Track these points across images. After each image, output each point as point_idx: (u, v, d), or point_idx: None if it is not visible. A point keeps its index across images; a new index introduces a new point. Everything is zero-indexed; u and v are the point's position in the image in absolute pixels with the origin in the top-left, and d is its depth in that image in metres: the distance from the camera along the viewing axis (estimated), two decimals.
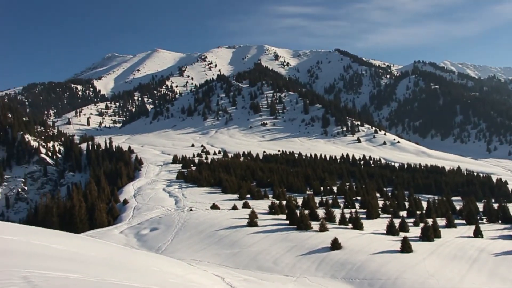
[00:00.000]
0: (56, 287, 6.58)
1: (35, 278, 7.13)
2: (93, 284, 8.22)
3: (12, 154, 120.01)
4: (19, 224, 35.27)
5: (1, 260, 11.06)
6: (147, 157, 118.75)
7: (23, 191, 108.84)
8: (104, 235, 44.86)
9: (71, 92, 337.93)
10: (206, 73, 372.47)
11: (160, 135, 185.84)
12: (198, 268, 24.08)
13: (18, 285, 6.40)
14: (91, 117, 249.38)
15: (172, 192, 73.40)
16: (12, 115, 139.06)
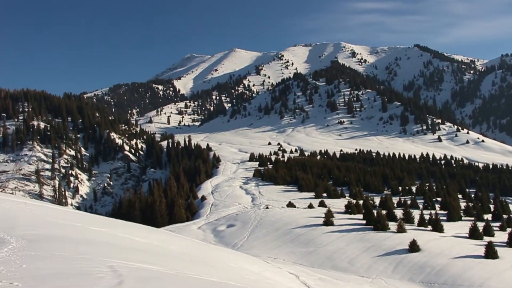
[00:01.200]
0: (139, 278, 6.94)
1: (120, 268, 7.55)
2: (173, 277, 8.57)
3: (99, 151, 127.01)
4: (105, 216, 37.22)
5: (91, 249, 11.80)
6: (225, 155, 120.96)
7: (109, 186, 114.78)
8: (182, 230, 46.30)
9: (152, 92, 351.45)
10: (282, 71, 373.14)
11: (237, 133, 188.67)
12: (273, 266, 24.29)
13: (105, 273, 6.82)
14: (171, 116, 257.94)
15: (248, 189, 74.30)
16: (99, 114, 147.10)
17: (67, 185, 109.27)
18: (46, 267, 7.78)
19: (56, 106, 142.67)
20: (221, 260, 19.70)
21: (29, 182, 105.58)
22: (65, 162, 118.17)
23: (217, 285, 8.79)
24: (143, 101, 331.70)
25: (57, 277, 6.53)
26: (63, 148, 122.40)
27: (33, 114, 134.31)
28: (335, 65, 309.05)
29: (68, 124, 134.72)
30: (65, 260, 8.83)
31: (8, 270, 6.82)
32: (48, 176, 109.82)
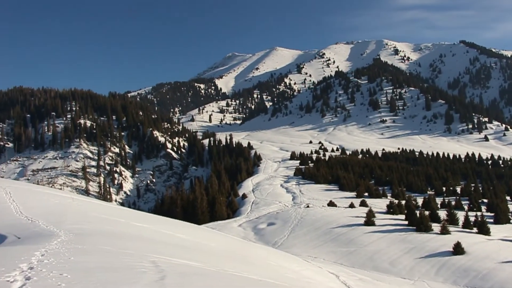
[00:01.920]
0: (180, 274, 7.13)
1: (161, 263, 7.77)
2: (213, 274, 8.73)
3: (143, 148, 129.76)
4: (148, 213, 38.05)
5: (134, 244, 12.16)
6: (266, 153, 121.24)
7: (152, 183, 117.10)
8: (223, 227, 46.73)
9: (194, 91, 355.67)
10: (324, 70, 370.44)
11: (278, 132, 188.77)
12: (313, 265, 24.24)
13: (148, 268, 7.03)
14: (212, 114, 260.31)
15: (289, 188, 74.23)
16: (143, 113, 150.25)
17: (111, 181, 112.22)
18: (93, 260, 8.09)
19: (101, 105, 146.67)
20: (261, 258, 19.84)
21: (76, 178, 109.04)
22: (110, 159, 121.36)
23: (256, 283, 8.89)
24: (185, 99, 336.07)
25: (102, 270, 6.80)
26: (108, 146, 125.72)
27: (80, 112, 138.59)
28: (377, 63, 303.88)
29: (113, 123, 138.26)
30: (110, 254, 9.14)
31: (58, 261, 7.15)
32: (94, 173, 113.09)
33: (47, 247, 9.20)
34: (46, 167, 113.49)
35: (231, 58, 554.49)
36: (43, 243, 10.31)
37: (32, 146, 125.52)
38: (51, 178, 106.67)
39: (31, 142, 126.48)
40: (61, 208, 21.97)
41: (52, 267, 6.61)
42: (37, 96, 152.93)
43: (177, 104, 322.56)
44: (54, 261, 7.19)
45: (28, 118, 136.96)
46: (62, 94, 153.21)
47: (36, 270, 6.29)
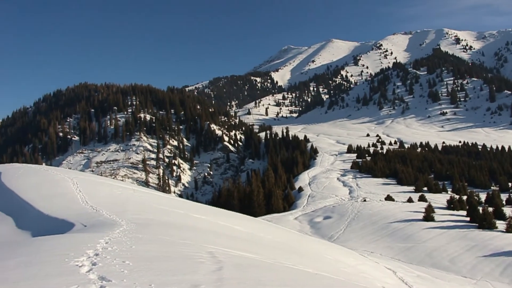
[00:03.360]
0: (237, 265, 7.28)
1: (219, 255, 7.96)
2: (269, 266, 8.85)
3: (200, 141, 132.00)
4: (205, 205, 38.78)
5: (193, 235, 12.50)
6: (322, 146, 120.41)
7: (209, 175, 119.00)
8: (279, 220, 46.93)
9: (250, 84, 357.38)
10: (381, 61, 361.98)
11: (335, 125, 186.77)
12: (369, 260, 23.96)
13: (206, 258, 7.23)
14: (269, 108, 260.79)
15: (346, 181, 73.49)
16: (200, 106, 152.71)
17: (170, 173, 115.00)
18: (153, 249, 8.41)
19: (160, 99, 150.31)
20: (317, 251, 19.83)
21: (137, 170, 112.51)
22: (169, 152, 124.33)
23: (312, 276, 8.93)
24: (241, 93, 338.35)
25: (162, 259, 7.05)
26: (167, 139, 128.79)
27: (140, 107, 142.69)
28: (437, 53, 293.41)
29: (171, 116, 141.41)
30: (169, 244, 9.45)
31: (120, 249, 7.50)
32: (153, 165, 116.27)
33: (111, 236, 9.64)
34: (109, 159, 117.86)
35: (286, 51, 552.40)
36: (107, 232, 10.80)
37: (96, 139, 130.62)
38: (113, 170, 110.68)
39: (95, 136, 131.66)
40: (123, 198, 22.82)
41: (115, 254, 6.94)
42: (100, 91, 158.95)
43: (233, 97, 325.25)
44: (117, 249, 7.54)
45: (92, 113, 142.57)
46: (123, 89, 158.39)
47: (101, 256, 6.63)
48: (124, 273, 5.50)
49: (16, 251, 7.95)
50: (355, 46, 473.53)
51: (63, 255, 6.66)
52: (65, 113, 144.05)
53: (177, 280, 5.22)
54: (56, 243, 8.74)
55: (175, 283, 4.99)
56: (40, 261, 6.45)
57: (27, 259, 6.63)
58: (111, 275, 5.29)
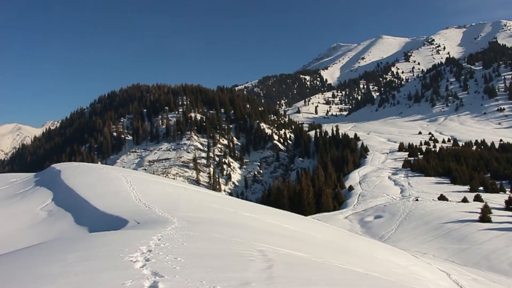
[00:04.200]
0: (287, 263, 7.32)
1: (269, 253, 8.02)
2: (319, 265, 8.84)
3: (250, 140, 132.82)
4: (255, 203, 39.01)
5: (243, 233, 12.63)
6: (373, 144, 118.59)
7: (259, 174, 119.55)
8: (329, 219, 46.58)
9: (300, 83, 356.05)
10: (433, 56, 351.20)
11: (385, 123, 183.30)
12: (422, 261, 23.40)
13: (256, 257, 7.31)
14: (318, 106, 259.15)
15: (397, 180, 72.09)
16: (250, 105, 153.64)
17: (220, 172, 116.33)
18: (204, 247, 8.57)
19: (210, 99, 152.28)
20: (367, 251, 19.57)
21: (188, 169, 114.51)
22: (219, 151, 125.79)
23: (362, 276, 8.84)
24: (291, 92, 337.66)
25: (213, 257, 7.18)
26: (217, 138, 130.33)
27: (191, 106, 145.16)
28: (493, 47, 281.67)
29: (221, 115, 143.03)
30: (220, 242, 9.60)
31: (172, 246, 7.69)
32: (204, 164, 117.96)
33: (163, 233, 9.89)
34: (161, 158, 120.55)
35: (336, 49, 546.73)
36: (159, 229, 11.09)
37: (148, 138, 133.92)
38: (165, 169, 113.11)
39: (147, 135, 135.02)
40: (175, 196, 23.30)
41: (168, 251, 7.13)
42: (152, 92, 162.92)
43: (283, 96, 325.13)
44: (169, 246, 7.73)
45: (144, 113, 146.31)
46: (174, 89, 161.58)
47: (154, 252, 6.83)
48: (176, 269, 5.65)
49: (75, 245, 8.31)
50: (405, 42, 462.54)
51: (118, 251, 6.91)
52: (119, 114, 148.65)
53: (227, 277, 5.31)
54: (111, 239, 9.07)
55: (225, 280, 5.08)
56: (97, 255, 6.72)
57: (85, 254, 6.93)
58: (163, 271, 5.45)
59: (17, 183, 33.35)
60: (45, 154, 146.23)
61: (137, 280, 4.91)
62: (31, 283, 4.89)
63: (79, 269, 5.59)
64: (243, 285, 4.84)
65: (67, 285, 4.59)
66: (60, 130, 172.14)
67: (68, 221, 19.21)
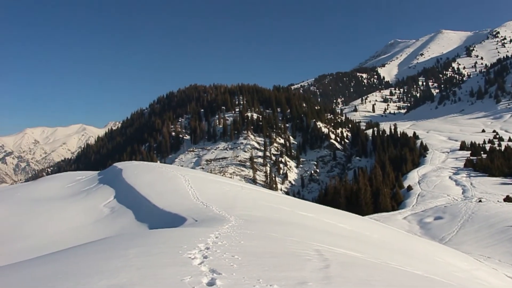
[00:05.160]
0: (343, 263, 7.27)
1: (325, 252, 7.99)
2: (375, 265, 8.72)
3: (307, 139, 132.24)
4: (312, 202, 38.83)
5: (299, 232, 12.64)
6: (433, 143, 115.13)
7: (315, 173, 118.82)
8: (387, 219, 45.72)
9: (356, 81, 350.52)
10: (498, 50, 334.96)
11: (446, 121, 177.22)
12: (486, 265, 22.55)
13: (312, 256, 7.31)
14: (376, 104, 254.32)
15: (459, 180, 69.69)
16: (306, 104, 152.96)
17: (277, 171, 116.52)
18: (260, 245, 8.66)
19: (266, 98, 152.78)
20: (426, 253, 19.07)
21: (244, 168, 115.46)
22: (275, 150, 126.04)
23: (421, 278, 8.65)
24: (347, 90, 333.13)
25: (269, 255, 7.24)
26: (274, 137, 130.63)
27: (247, 106, 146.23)
28: None
29: (277, 115, 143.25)
30: (276, 241, 9.66)
31: (229, 244, 7.82)
32: (261, 163, 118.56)
33: (220, 231, 10.07)
34: (218, 157, 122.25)
35: (393, 45, 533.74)
36: (216, 227, 11.30)
37: (205, 138, 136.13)
38: (222, 168, 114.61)
39: (204, 134, 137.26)
40: (232, 195, 23.62)
41: (225, 249, 7.26)
42: (209, 92, 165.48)
43: (339, 94, 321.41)
44: (227, 244, 7.87)
45: (202, 113, 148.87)
46: (231, 89, 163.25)
47: (211, 250, 6.98)
48: (234, 267, 5.75)
49: (136, 241, 8.61)
50: (467, 36, 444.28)
51: (177, 247, 7.10)
52: (177, 114, 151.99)
53: (284, 276, 5.35)
54: (170, 236, 9.32)
55: (282, 279, 5.12)
56: (157, 251, 6.94)
57: (145, 249, 7.17)
58: (221, 268, 5.55)
59: (83, 181, 34.88)
60: (108, 153, 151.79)
61: (195, 276, 5.03)
62: (95, 276, 5.13)
63: (140, 264, 5.80)
64: (300, 284, 4.86)
65: (130, 279, 4.78)
66: (121, 130, 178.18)
67: (129, 217, 19.90)
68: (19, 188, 38.28)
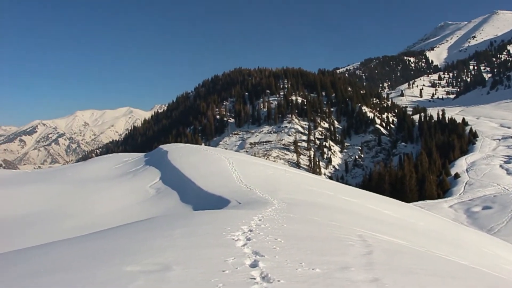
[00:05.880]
0: (386, 250, 7.20)
1: (368, 238, 7.93)
2: (420, 254, 8.58)
3: (351, 124, 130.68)
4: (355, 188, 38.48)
5: (342, 217, 12.59)
6: (483, 130, 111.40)
7: (360, 158, 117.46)
8: (432, 207, 44.82)
9: (403, 65, 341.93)
10: None
11: (498, 107, 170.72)
12: None
13: (355, 241, 7.27)
14: (423, 89, 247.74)
15: (510, 169, 67.36)
16: (351, 88, 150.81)
17: (321, 155, 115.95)
18: (303, 229, 8.68)
19: (311, 82, 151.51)
20: (473, 243, 18.61)
21: (288, 152, 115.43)
22: (320, 134, 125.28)
23: (467, 269, 8.42)
24: (394, 74, 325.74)
25: (312, 239, 7.25)
26: (318, 121, 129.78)
27: (292, 90, 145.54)
28: None
29: (322, 99, 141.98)
30: (319, 225, 9.66)
31: (272, 227, 7.88)
32: (304, 147, 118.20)
33: (263, 213, 10.14)
34: (262, 140, 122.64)
35: (443, 28, 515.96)
36: (259, 209, 11.39)
37: (250, 121, 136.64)
38: (266, 151, 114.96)
39: (249, 118, 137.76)
40: (275, 178, 23.71)
41: (268, 231, 7.31)
42: (254, 75, 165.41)
43: (385, 79, 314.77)
44: (269, 226, 7.93)
45: (246, 96, 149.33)
46: (275, 73, 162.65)
47: (254, 232, 7.05)
48: (276, 250, 5.79)
49: (181, 222, 8.81)
50: None
51: (220, 229, 7.22)
52: (222, 97, 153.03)
53: (326, 260, 5.35)
54: (215, 217, 9.48)
55: (324, 263, 5.12)
56: (201, 232, 7.07)
57: (190, 230, 7.33)
58: (263, 250, 5.61)
59: (130, 162, 35.82)
60: (154, 135, 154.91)
61: (238, 258, 5.11)
62: (142, 254, 5.29)
63: (185, 244, 5.93)
64: (342, 269, 4.86)
65: (175, 258, 4.91)
66: (167, 113, 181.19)
67: (174, 199, 20.33)
68: (70, 169, 39.76)
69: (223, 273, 4.30)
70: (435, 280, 5.23)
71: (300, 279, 4.20)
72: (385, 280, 4.39)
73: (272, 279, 4.11)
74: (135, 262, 4.66)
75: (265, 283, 3.99)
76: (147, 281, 3.81)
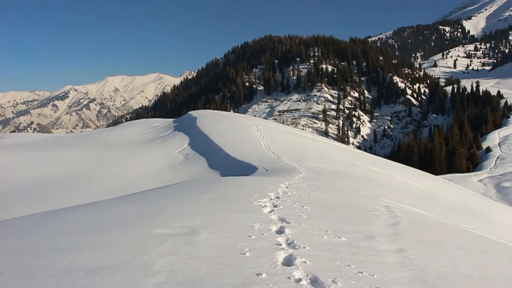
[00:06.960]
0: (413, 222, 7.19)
1: (395, 209, 7.92)
2: (446, 226, 8.55)
3: (382, 94, 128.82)
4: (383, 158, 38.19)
5: (368, 187, 12.55)
6: None
7: (389, 128, 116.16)
8: (461, 180, 44.22)
9: (438, 34, 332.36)
10: None
11: None
12: None
13: (381, 212, 7.27)
14: (458, 60, 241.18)
15: None
16: (383, 58, 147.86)
17: (349, 125, 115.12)
18: (330, 197, 8.73)
19: (342, 50, 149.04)
20: (502, 219, 18.37)
21: (317, 120, 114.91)
22: (349, 103, 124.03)
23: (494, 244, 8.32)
24: (428, 44, 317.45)
25: (338, 208, 7.29)
26: (348, 90, 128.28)
27: (322, 58, 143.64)
28: None
29: (353, 68, 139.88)
30: (346, 194, 9.67)
31: (299, 195, 7.94)
32: (333, 116, 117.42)
33: (290, 181, 10.20)
34: (291, 108, 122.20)
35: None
36: (287, 177, 11.45)
37: (279, 89, 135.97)
38: (294, 119, 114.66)
39: (278, 86, 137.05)
40: (303, 147, 23.71)
41: (295, 199, 7.37)
42: (284, 43, 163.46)
43: (419, 48, 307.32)
44: (296, 194, 7.98)
45: (276, 64, 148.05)
46: (306, 40, 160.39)
47: (281, 199, 7.11)
48: (302, 217, 5.84)
49: (209, 187, 8.94)
50: None
51: (248, 195, 7.30)
52: (251, 64, 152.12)
53: (352, 229, 5.38)
54: (242, 183, 9.58)
55: (350, 232, 5.15)
56: (229, 198, 7.18)
57: (218, 195, 7.44)
58: (290, 217, 5.66)
59: (159, 128, 36.27)
60: (183, 101, 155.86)
61: (265, 224, 5.18)
62: (170, 217, 5.42)
63: (212, 209, 6.05)
64: (368, 238, 4.89)
65: (202, 222, 5.02)
66: (196, 79, 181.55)
67: (202, 164, 20.59)
68: (101, 133, 40.52)
69: (249, 238, 4.37)
70: (461, 253, 5.21)
71: (325, 246, 4.25)
72: (410, 251, 4.41)
73: (298, 245, 4.16)
74: (164, 225, 4.77)
75: (291, 249, 4.05)
76: (175, 244, 3.91)
